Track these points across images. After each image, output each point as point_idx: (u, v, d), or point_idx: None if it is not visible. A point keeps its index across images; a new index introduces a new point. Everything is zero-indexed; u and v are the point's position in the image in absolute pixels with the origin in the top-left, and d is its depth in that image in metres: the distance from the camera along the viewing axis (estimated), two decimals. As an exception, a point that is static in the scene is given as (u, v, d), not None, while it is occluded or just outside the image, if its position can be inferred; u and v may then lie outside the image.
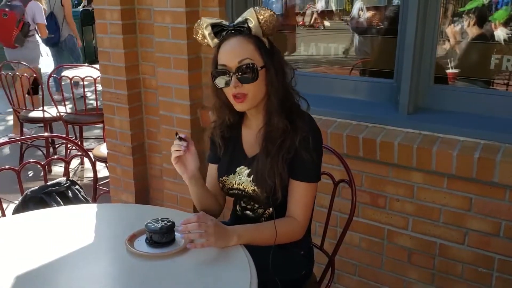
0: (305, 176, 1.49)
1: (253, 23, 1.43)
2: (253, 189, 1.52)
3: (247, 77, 1.43)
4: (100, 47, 2.90)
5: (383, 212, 2.16)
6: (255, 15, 1.43)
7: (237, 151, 1.61)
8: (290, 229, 1.50)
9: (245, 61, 1.43)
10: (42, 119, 4.27)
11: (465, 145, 1.91)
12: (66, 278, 1.27)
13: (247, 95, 1.45)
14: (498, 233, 1.91)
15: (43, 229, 1.54)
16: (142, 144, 2.98)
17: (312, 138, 1.47)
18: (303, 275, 1.67)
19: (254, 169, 1.51)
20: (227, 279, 1.26)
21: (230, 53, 1.44)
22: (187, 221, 1.34)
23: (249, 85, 1.44)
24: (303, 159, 1.46)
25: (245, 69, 1.43)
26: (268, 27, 1.45)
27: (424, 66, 2.08)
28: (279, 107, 1.47)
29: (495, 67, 2.28)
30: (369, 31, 3.26)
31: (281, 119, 1.46)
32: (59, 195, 2.12)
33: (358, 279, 2.33)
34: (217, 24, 1.47)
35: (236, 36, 1.45)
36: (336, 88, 2.39)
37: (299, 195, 1.50)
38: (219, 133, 1.62)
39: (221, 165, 1.64)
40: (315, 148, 1.48)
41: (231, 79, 1.43)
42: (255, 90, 1.46)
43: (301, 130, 1.46)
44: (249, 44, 1.44)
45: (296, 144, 1.45)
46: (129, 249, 1.34)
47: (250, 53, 1.43)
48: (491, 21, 2.46)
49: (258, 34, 1.46)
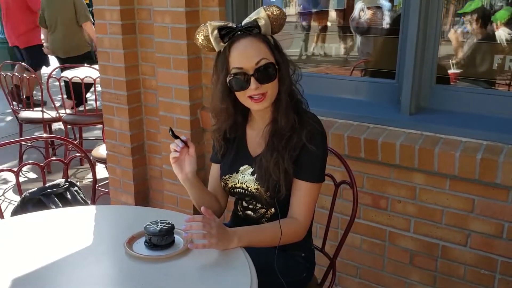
0: (309, 175, 1.48)
1: (263, 22, 1.43)
2: (257, 188, 1.51)
3: (267, 77, 1.43)
4: (99, 48, 2.88)
5: (385, 214, 2.15)
6: (265, 14, 1.43)
7: (241, 151, 1.60)
8: (292, 230, 1.48)
9: (262, 61, 1.42)
10: (42, 120, 4.26)
11: (467, 146, 1.89)
12: (65, 280, 1.26)
13: (267, 94, 1.45)
14: (501, 235, 1.90)
15: (42, 231, 1.52)
16: (142, 145, 2.97)
17: (317, 134, 1.48)
18: (304, 277, 1.65)
19: (258, 167, 1.51)
20: (227, 282, 1.25)
21: (245, 55, 1.43)
22: (192, 219, 1.33)
23: (267, 84, 1.44)
24: (309, 156, 1.46)
25: (264, 69, 1.42)
26: (278, 24, 1.46)
27: (426, 66, 2.07)
28: (289, 103, 1.47)
29: (497, 67, 2.27)
30: (371, 31, 3.25)
31: (291, 114, 1.47)
32: (58, 196, 2.10)
33: (360, 281, 2.31)
34: (224, 27, 1.45)
35: (246, 38, 1.43)
36: (337, 88, 2.38)
37: (302, 195, 1.49)
38: (221, 136, 1.61)
39: (224, 164, 1.63)
40: (321, 144, 1.49)
41: (250, 81, 1.42)
42: (273, 88, 1.46)
43: (307, 124, 1.47)
44: (261, 44, 1.44)
45: (303, 139, 1.45)
46: (128, 252, 1.33)
47: (264, 52, 1.43)
48: (493, 22, 2.45)
49: (267, 32, 1.46)
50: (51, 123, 4.43)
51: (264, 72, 1.42)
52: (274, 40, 1.50)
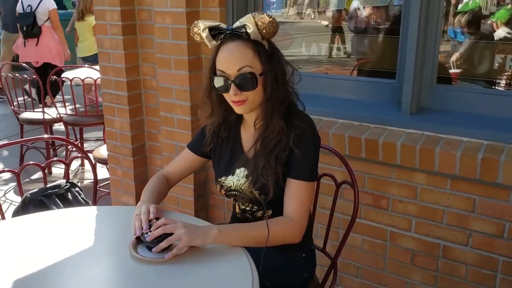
0: (299, 174, 1.46)
1: (252, 29, 1.40)
2: (251, 191, 1.51)
3: (246, 86, 1.42)
4: (100, 48, 2.89)
5: (386, 214, 2.15)
6: (254, 21, 1.39)
7: (236, 152, 1.59)
8: (285, 229, 1.45)
9: (244, 69, 1.41)
10: (42, 121, 4.27)
11: (468, 146, 1.89)
12: (66, 281, 1.25)
13: (247, 100, 1.45)
14: (502, 234, 1.89)
15: (43, 231, 1.52)
16: (143, 145, 2.97)
17: (307, 136, 1.46)
18: (305, 277, 1.65)
19: (250, 170, 1.50)
20: (229, 283, 1.25)
21: (229, 60, 1.42)
22: (152, 235, 1.32)
23: (247, 92, 1.43)
24: (297, 157, 1.44)
25: (244, 78, 1.41)
26: (267, 33, 1.42)
27: (427, 66, 2.07)
28: (276, 110, 1.45)
29: (498, 67, 2.27)
30: (371, 31, 3.25)
31: (278, 120, 1.45)
32: (59, 197, 2.10)
33: (361, 281, 2.31)
34: (214, 28, 1.45)
35: (234, 41, 1.42)
36: (338, 88, 2.37)
37: (293, 193, 1.47)
38: (213, 129, 1.61)
39: (220, 166, 1.62)
40: (309, 145, 1.47)
41: (230, 86, 1.42)
42: (254, 96, 1.45)
43: (296, 127, 1.45)
44: (248, 50, 1.41)
45: (290, 142, 1.44)
46: (133, 254, 1.32)
47: (249, 59, 1.41)
48: (493, 21, 2.45)
49: (257, 38, 1.43)
50: (51, 123, 4.43)
51: (244, 80, 1.41)
52: (269, 45, 1.46)
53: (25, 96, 4.81)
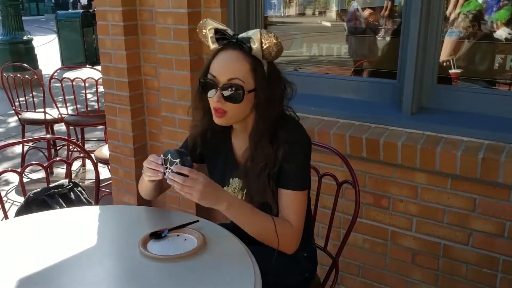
0: (291, 185, 1.46)
1: (256, 45, 1.39)
2: (248, 202, 1.50)
3: (231, 97, 1.40)
4: (101, 49, 2.89)
5: (387, 213, 2.16)
6: (260, 38, 1.38)
7: (229, 161, 1.58)
8: (284, 232, 1.44)
9: (235, 80, 1.39)
10: (44, 121, 4.27)
11: (469, 146, 1.90)
12: (69, 280, 1.26)
13: (227, 113, 1.43)
14: (502, 233, 1.90)
15: (46, 231, 1.53)
16: (144, 145, 2.98)
17: (295, 146, 1.45)
18: (307, 277, 1.66)
19: (245, 185, 1.51)
20: (231, 282, 1.25)
21: (223, 67, 1.41)
22: (180, 169, 1.33)
23: (231, 104, 1.41)
24: (289, 170, 1.44)
25: (231, 89, 1.40)
26: (269, 53, 1.40)
27: (427, 66, 2.07)
28: (266, 133, 1.44)
29: (498, 67, 2.28)
30: (372, 32, 3.25)
31: (266, 144, 1.44)
32: (62, 197, 2.11)
33: (362, 280, 2.32)
34: (220, 31, 1.45)
35: (235, 50, 1.41)
36: (339, 88, 2.38)
37: (287, 203, 1.46)
38: (199, 134, 1.59)
39: (214, 175, 1.60)
40: (299, 155, 1.46)
41: (216, 92, 1.41)
42: (236, 111, 1.43)
43: (284, 142, 1.43)
44: (245, 64, 1.40)
45: (280, 159, 1.44)
46: (142, 252, 1.33)
47: (243, 73, 1.40)
48: (493, 21, 2.46)
49: (258, 55, 1.41)
50: (53, 124, 4.44)
51: (229, 92, 1.39)
52: (270, 66, 1.44)
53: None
